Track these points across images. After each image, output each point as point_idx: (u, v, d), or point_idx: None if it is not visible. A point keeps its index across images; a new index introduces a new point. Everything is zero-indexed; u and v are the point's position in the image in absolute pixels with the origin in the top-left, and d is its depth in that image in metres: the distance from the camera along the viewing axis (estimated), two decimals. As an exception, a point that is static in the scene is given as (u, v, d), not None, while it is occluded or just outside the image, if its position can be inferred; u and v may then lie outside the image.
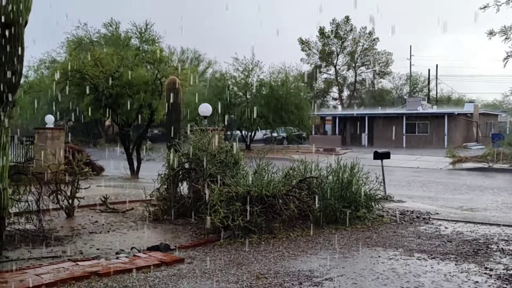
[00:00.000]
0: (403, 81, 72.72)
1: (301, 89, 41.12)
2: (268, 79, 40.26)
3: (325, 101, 73.56)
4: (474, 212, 12.53)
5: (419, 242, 8.41)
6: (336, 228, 9.39)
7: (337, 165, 10.55)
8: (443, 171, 26.91)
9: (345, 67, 71.09)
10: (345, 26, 68.01)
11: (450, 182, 21.05)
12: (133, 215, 10.77)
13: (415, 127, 45.33)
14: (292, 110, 38.04)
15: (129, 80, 19.64)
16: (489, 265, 6.96)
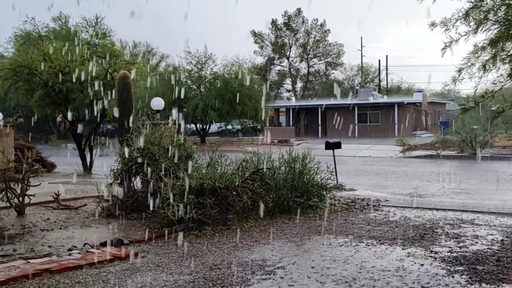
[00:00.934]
0: (355, 72, 73.95)
1: (255, 82, 41.29)
2: (222, 72, 40.28)
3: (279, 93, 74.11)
4: (422, 198, 12.95)
5: (368, 228, 8.68)
6: (289, 218, 9.57)
7: (290, 156, 10.72)
8: (393, 159, 27.57)
9: (298, 59, 71.77)
10: (297, 18, 68.60)
11: (400, 169, 21.61)
12: (86, 211, 10.69)
13: (366, 117, 46.20)
14: (246, 102, 38.18)
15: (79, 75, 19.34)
16: (435, 248, 7.25)
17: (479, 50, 6.52)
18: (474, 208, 10.63)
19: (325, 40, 69.56)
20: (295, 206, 9.94)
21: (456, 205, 11.12)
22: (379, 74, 68.21)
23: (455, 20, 6.38)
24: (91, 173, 20.33)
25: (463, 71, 6.65)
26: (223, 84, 38.59)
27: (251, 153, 10.76)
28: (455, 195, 13.90)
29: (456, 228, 8.57)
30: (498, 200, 12.59)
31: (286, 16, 68.62)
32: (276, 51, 70.39)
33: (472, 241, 7.61)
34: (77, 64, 19.79)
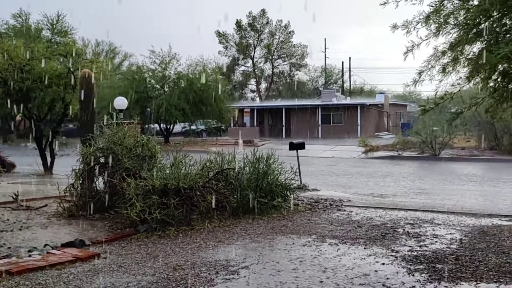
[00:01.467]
0: (319, 73, 74.59)
1: (219, 82, 41.21)
2: (186, 72, 40.06)
3: (244, 93, 74.19)
4: (384, 198, 13.16)
5: (331, 228, 8.77)
6: (253, 218, 9.60)
7: (254, 156, 10.75)
8: (356, 160, 27.93)
9: (262, 59, 71.95)
10: (262, 19, 68.79)
11: (362, 170, 21.90)
12: (46, 212, 10.49)
13: (330, 118, 46.65)
14: (211, 102, 38.07)
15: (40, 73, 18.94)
16: (396, 247, 7.38)
17: (439, 53, 6.66)
18: (434, 208, 10.85)
19: (289, 41, 69.96)
20: (259, 206, 9.97)
21: (417, 205, 11.33)
22: (342, 75, 69.00)
23: (416, 23, 6.49)
24: (51, 173, 19.94)
25: (424, 74, 6.78)
26: (187, 84, 38.38)
27: (215, 153, 10.75)
28: (415, 195, 14.16)
29: (416, 228, 8.73)
30: (456, 200, 12.90)
31: (250, 17, 68.76)
32: (241, 52, 70.46)
33: (431, 240, 7.78)
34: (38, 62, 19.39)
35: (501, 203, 12.52)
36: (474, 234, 8.18)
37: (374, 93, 60.65)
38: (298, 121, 47.08)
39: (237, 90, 70.97)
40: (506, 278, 5.81)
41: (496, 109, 7.32)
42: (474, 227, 8.76)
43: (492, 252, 7.00)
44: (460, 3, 5.64)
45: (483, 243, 7.54)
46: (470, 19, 5.45)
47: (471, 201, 12.69)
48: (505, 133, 27.32)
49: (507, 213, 10.21)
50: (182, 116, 38.29)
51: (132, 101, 33.57)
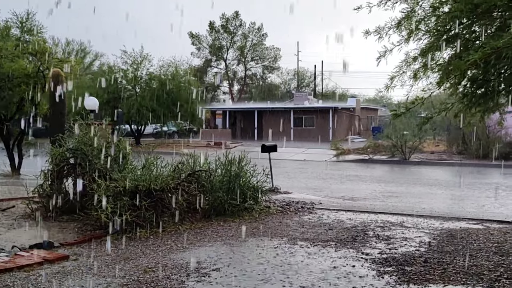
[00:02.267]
0: (291, 76, 74.92)
1: (191, 83, 41.05)
2: (158, 73, 39.82)
3: (216, 95, 74.07)
4: (355, 201, 13.27)
5: (303, 231, 8.81)
6: (224, 220, 9.59)
7: (226, 158, 10.74)
8: (328, 163, 28.09)
9: (235, 61, 72.01)
10: (235, 21, 68.85)
11: (334, 173, 22.06)
12: (14, 213, 10.30)
13: (302, 121, 46.87)
14: (183, 104, 37.88)
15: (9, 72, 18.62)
16: (366, 250, 7.46)
17: (411, 59, 6.75)
18: (404, 211, 10.99)
19: (262, 44, 70.17)
20: (231, 208, 9.97)
21: (387, 208, 11.47)
22: (315, 79, 69.43)
23: (388, 28, 6.57)
24: (19, 173, 19.59)
25: (395, 79, 6.86)
26: (159, 85, 38.13)
27: (187, 155, 10.71)
28: (386, 198, 14.32)
29: (386, 231, 8.83)
30: (426, 203, 13.08)
31: (224, 19, 68.77)
32: (214, 53, 70.38)
33: (401, 243, 7.87)
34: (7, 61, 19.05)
35: (469, 206, 12.74)
36: (442, 237, 8.31)
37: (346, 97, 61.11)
38: (270, 124, 47.14)
39: (210, 92, 70.81)
40: (473, 281, 5.91)
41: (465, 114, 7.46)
42: (442, 230, 8.90)
43: (460, 254, 7.12)
44: (431, 10, 5.74)
45: (451, 246, 7.66)
46: (441, 26, 5.55)
47: (440, 205, 12.88)
48: (473, 138, 27.80)
49: (474, 216, 10.40)
50: (153, 117, 38.02)
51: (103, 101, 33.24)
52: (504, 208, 12.42)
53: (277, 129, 44.84)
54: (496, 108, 7.57)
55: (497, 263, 6.62)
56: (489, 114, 8.06)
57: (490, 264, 6.61)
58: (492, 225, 9.42)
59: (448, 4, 5.52)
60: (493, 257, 6.93)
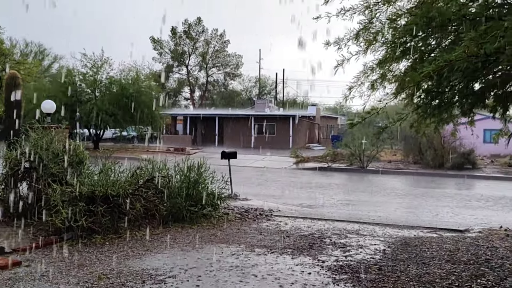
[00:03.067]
0: (253, 84, 75.18)
1: (152, 88, 40.70)
2: (119, 77, 39.35)
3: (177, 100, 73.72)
4: (313, 209, 13.38)
5: (260, 238, 8.84)
6: (182, 227, 9.54)
7: (185, 164, 10.70)
8: (287, 170, 28.25)
9: (197, 67, 71.86)
10: (197, 27, 68.77)
11: (293, 181, 22.19)
12: (-35, 218, 10.00)
13: (263, 128, 47.00)
14: (143, 109, 37.51)
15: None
16: (322, 257, 7.53)
17: (369, 70, 6.87)
18: (360, 219, 11.14)
19: (224, 51, 70.29)
20: (189, 215, 9.93)
21: (344, 216, 11.60)
22: (276, 86, 69.82)
23: (347, 39, 6.68)
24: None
25: (354, 89, 6.97)
26: (119, 89, 37.65)
27: (146, 160, 10.62)
28: (343, 206, 14.48)
29: (342, 238, 8.94)
30: (382, 211, 13.29)
31: (186, 24, 68.60)
32: (175, 59, 70.08)
33: (357, 251, 7.98)
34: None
35: (424, 215, 13.01)
36: (397, 245, 8.47)
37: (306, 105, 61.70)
38: (231, 130, 47.17)
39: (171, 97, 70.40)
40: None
41: (420, 124, 7.63)
42: (397, 238, 9.07)
43: (413, 262, 7.26)
44: (387, 22, 5.87)
45: (405, 253, 7.81)
46: (397, 38, 5.68)
47: (395, 213, 13.11)
48: (429, 148, 28.39)
49: (428, 225, 10.62)
50: (113, 122, 37.51)
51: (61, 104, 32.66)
52: (457, 217, 12.72)
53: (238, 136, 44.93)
54: (450, 119, 7.77)
55: (449, 271, 6.79)
56: (443, 125, 8.27)
57: (442, 272, 6.77)
58: (445, 233, 9.65)
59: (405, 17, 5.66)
60: (445, 265, 7.09)
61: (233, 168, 14.89)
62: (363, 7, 5.88)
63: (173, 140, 44.65)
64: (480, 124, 21.93)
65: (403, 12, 5.69)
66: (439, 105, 6.85)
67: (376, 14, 5.89)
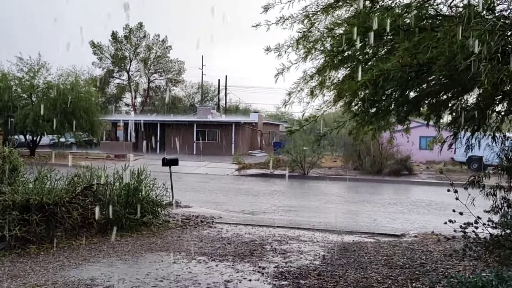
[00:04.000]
0: (195, 90, 74.88)
1: (92, 94, 39.87)
2: (57, 82, 38.33)
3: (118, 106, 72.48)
4: (254, 215, 13.42)
5: (201, 245, 8.78)
6: (121, 235, 9.36)
7: (124, 171, 10.51)
8: (229, 177, 28.25)
9: (138, 73, 70.91)
10: (139, 32, 67.94)
11: (235, 187, 22.20)
12: None
13: (205, 134, 46.85)
14: (82, 114, 36.68)
15: None
16: (263, 264, 7.55)
17: (308, 77, 6.95)
18: (301, 225, 11.25)
19: (166, 56, 69.73)
20: (129, 223, 9.75)
21: (285, 222, 11.69)
22: (219, 93, 69.81)
23: (287, 47, 6.73)
24: None
25: (293, 95, 7.03)
26: (57, 95, 36.65)
27: (84, 167, 10.38)
28: (284, 213, 14.59)
29: (283, 244, 9.00)
30: (322, 217, 13.47)
31: (127, 29, 67.61)
32: (116, 64, 68.94)
33: (297, 257, 8.05)
34: None
35: (362, 220, 13.27)
36: (336, 250, 8.59)
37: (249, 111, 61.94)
38: (173, 137, 46.74)
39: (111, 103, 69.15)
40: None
41: (358, 132, 7.79)
42: (336, 243, 9.20)
43: (352, 267, 7.39)
44: (326, 31, 5.97)
45: (344, 259, 7.94)
46: (335, 47, 5.78)
47: (335, 219, 13.31)
48: (367, 155, 29.05)
49: (366, 230, 10.84)
50: (50, 128, 36.47)
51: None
52: (395, 222, 13.05)
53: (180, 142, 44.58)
54: (387, 127, 7.97)
55: (386, 275, 6.94)
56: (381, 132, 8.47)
57: (379, 276, 6.92)
58: (383, 238, 9.87)
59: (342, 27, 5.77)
60: (382, 270, 7.25)
61: (175, 175, 14.76)
62: (303, 16, 5.95)
63: (114, 147, 43.86)
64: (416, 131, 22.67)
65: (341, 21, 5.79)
66: (376, 113, 7.00)
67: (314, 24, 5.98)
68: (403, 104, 6.83)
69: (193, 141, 46.26)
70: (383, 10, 5.43)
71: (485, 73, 3.35)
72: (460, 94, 6.08)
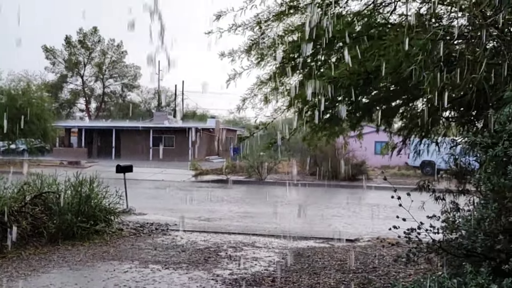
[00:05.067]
0: (152, 95, 74.14)
1: (44, 99, 39.02)
2: (7, 87, 37.36)
3: (72, 112, 71.13)
4: (210, 222, 13.34)
5: (155, 253, 8.67)
6: (73, 244, 9.15)
7: (76, 179, 10.30)
8: (186, 183, 28.06)
9: (93, 78, 69.79)
10: (93, 37, 66.89)
11: (191, 194, 22.05)
12: None
13: (161, 140, 46.41)
14: (34, 120, 35.85)
15: None
16: (217, 271, 7.51)
17: (261, 83, 6.97)
18: (256, 231, 11.25)
19: (121, 61, 68.83)
20: (80, 231, 9.54)
21: (241, 229, 11.67)
22: (175, 98, 69.25)
23: (240, 52, 6.75)
24: None
25: (247, 101, 7.05)
26: (8, 100, 35.74)
27: (34, 175, 10.13)
28: (241, 219, 14.56)
29: (238, 251, 8.98)
30: (277, 223, 13.49)
31: (81, 34, 66.49)
32: (70, 69, 67.66)
33: (251, 263, 8.04)
34: None
35: (318, 225, 13.35)
36: (291, 256, 8.61)
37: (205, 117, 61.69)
38: (129, 143, 46.14)
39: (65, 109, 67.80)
40: (316, 298, 6.19)
41: (312, 138, 7.86)
42: (291, 249, 9.24)
43: (306, 273, 7.42)
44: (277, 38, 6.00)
45: (298, 264, 7.97)
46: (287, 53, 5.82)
47: (291, 224, 13.35)
48: (324, 160, 29.30)
49: (322, 235, 10.93)
50: (0, 135, 35.50)
51: None
52: (350, 227, 13.20)
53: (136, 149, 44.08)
54: (341, 133, 8.07)
55: (339, 280, 7.00)
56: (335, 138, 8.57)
57: (333, 281, 6.97)
58: (337, 243, 9.96)
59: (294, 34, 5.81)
60: (336, 275, 7.31)
61: (130, 182, 14.57)
62: (255, 23, 5.97)
63: (67, 153, 43.04)
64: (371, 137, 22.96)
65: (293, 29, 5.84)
66: (330, 119, 7.08)
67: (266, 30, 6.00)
68: (355, 111, 6.92)
69: (150, 147, 45.78)
70: (334, 18, 5.50)
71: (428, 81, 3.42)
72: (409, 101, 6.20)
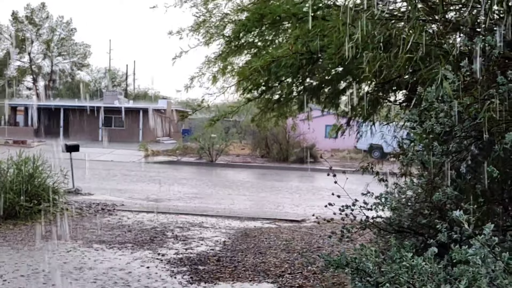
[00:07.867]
0: (102, 75, 72.69)
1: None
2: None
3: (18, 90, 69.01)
4: (158, 203, 13.25)
5: (100, 233, 8.57)
6: (15, 224, 8.95)
7: (19, 157, 10.04)
8: (135, 164, 27.75)
9: (41, 55, 67.81)
10: (41, 13, 64.88)
11: (141, 174, 21.84)
12: None
13: (112, 120, 45.70)
14: (-22, 98, 34.66)
15: None
16: (162, 251, 7.49)
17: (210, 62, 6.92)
18: (204, 212, 11.26)
19: (71, 39, 67.07)
20: (23, 210, 9.33)
21: (189, 209, 11.66)
22: (126, 78, 68.23)
23: (189, 31, 6.67)
24: None
25: (195, 80, 6.98)
26: (-50, 76, 34.43)
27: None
28: (189, 200, 14.52)
29: (185, 231, 8.96)
30: (227, 204, 13.54)
31: (29, 9, 64.38)
32: (16, 45, 65.48)
33: (198, 243, 8.05)
34: None
35: (266, 207, 13.47)
36: (237, 236, 8.67)
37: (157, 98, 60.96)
38: (78, 123, 45.20)
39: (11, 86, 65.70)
40: (260, 277, 6.26)
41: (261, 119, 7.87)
42: (238, 229, 9.29)
43: (251, 252, 7.49)
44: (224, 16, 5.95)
45: (244, 244, 8.03)
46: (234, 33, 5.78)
47: (240, 206, 13.41)
48: (275, 143, 29.50)
49: (269, 216, 11.03)
50: None
51: None
52: (297, 208, 13.35)
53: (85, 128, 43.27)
54: (290, 114, 8.10)
55: (283, 260, 7.09)
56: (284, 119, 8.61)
57: (277, 260, 7.05)
58: (284, 224, 10.08)
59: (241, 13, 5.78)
60: (280, 254, 7.40)
61: (78, 162, 14.34)
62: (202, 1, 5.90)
63: (13, 132, 41.78)
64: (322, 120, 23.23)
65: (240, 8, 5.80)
66: (278, 100, 7.10)
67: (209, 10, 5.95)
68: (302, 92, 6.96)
69: (99, 127, 44.99)
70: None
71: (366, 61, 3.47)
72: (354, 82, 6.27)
